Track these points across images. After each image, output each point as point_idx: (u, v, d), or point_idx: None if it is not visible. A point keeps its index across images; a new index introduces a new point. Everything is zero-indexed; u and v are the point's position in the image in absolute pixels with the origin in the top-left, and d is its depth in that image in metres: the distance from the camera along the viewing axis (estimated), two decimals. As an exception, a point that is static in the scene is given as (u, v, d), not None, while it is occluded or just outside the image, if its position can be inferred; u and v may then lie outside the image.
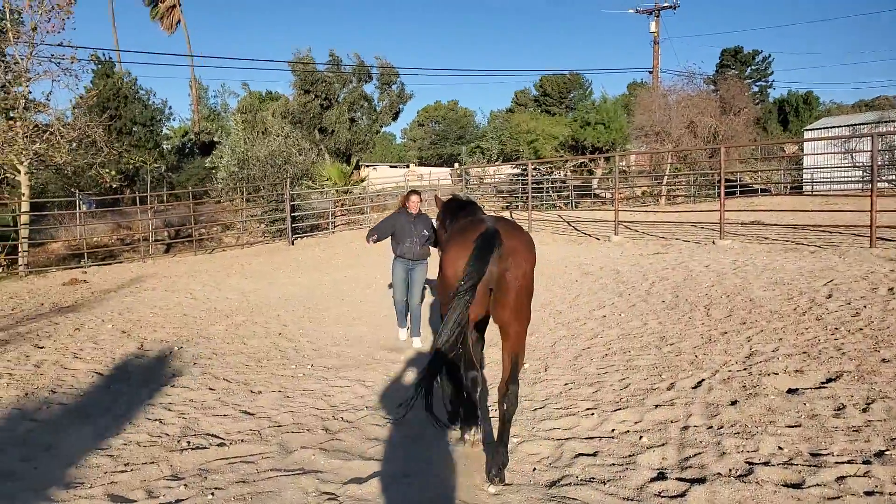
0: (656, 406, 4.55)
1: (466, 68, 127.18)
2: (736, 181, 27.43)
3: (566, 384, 5.24)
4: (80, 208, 16.78)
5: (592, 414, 4.49)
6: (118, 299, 10.50)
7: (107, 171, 16.99)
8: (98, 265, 15.66)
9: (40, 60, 15.58)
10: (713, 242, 12.54)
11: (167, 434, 4.42)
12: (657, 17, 35.19)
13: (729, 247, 11.92)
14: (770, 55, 56.98)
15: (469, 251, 3.58)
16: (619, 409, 4.56)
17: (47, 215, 19.07)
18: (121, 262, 16.25)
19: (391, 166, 50.45)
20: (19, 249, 15.05)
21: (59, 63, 15.64)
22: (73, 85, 16.26)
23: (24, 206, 15.58)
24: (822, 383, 4.70)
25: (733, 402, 4.47)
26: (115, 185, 19.66)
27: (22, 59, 15.01)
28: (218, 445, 4.17)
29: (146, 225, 18.51)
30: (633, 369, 5.48)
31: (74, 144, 16.00)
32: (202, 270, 13.86)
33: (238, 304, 9.73)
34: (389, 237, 7.04)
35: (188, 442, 4.25)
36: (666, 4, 34.95)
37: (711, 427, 4.12)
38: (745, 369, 5.15)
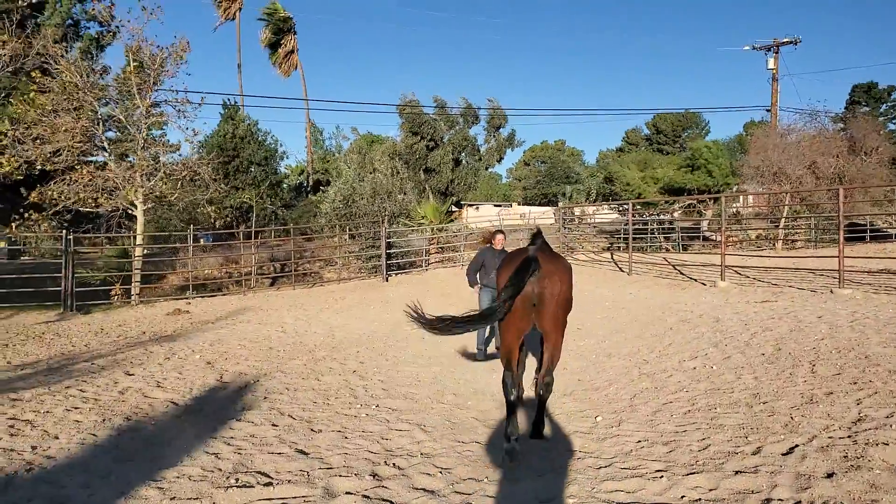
0: (737, 472, 4.05)
1: (576, 108, 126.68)
2: (865, 225, 25.22)
3: (639, 441, 4.81)
4: (190, 242, 17.84)
5: (662, 477, 4.06)
6: (213, 331, 10.97)
7: (213, 207, 18.09)
8: (203, 297, 16.56)
9: (158, 104, 16.98)
10: (831, 291, 11.49)
11: (219, 469, 4.42)
12: (776, 53, 33.56)
13: (849, 296, 10.85)
14: (909, 91, 52.76)
15: (511, 270, 4.72)
16: (694, 473, 4.10)
17: (163, 248, 20.49)
18: (225, 295, 17.08)
19: (495, 205, 50.64)
20: (132, 280, 16.07)
21: (174, 105, 16.99)
22: (185, 125, 17.44)
23: (139, 240, 16.71)
24: (943, 459, 4.04)
25: (829, 475, 3.89)
26: (220, 221, 20.82)
27: (141, 105, 16.26)
28: (264, 485, 4.12)
29: (252, 259, 19.45)
30: (716, 429, 4.97)
31: (186, 182, 17.07)
32: (298, 305, 14.30)
33: (323, 339, 9.89)
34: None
35: (236, 479, 4.23)
36: (786, 40, 33.31)
37: (799, 502, 3.60)
38: (849, 436, 4.52)
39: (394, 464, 4.47)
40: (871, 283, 12.39)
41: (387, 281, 18.67)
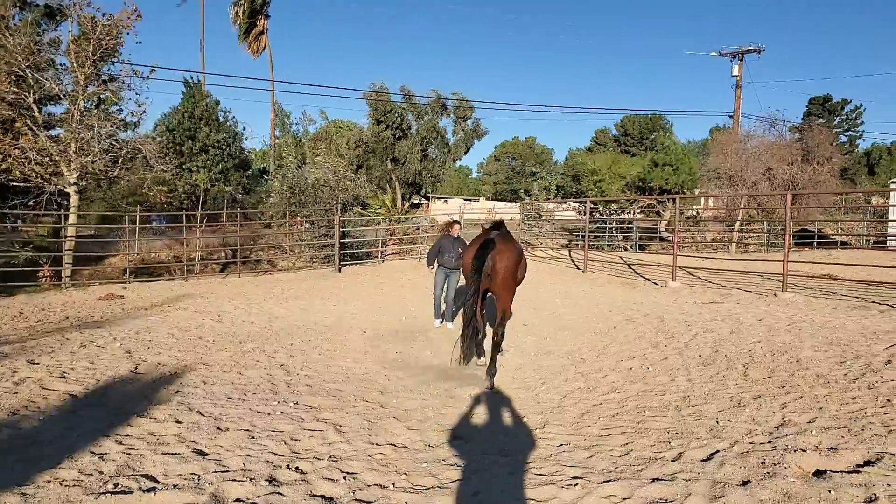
0: (653, 480, 3.92)
1: (545, 104, 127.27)
2: (813, 232, 25.79)
3: (560, 445, 4.66)
4: (128, 224, 16.88)
5: (576, 485, 3.89)
6: (145, 318, 10.45)
7: (159, 189, 17.20)
8: (142, 282, 15.85)
9: (112, 77, 16.01)
10: (774, 294, 11.61)
11: (100, 472, 4.02)
12: (741, 60, 34.00)
13: (791, 300, 10.96)
14: (861, 105, 54.84)
15: (474, 251, 6.60)
16: (610, 480, 3.95)
17: (103, 229, 19.52)
18: (167, 280, 16.43)
19: (465, 199, 50.51)
20: (63, 261, 15.10)
21: (117, 78, 16.03)
22: (132, 99, 16.37)
23: (72, 219, 15.70)
24: (858, 466, 3.96)
25: (744, 483, 3.79)
26: (174, 203, 19.92)
27: (79, 74, 15.18)
28: (146, 490, 3.74)
29: (199, 244, 18.78)
30: (641, 433, 4.86)
31: (127, 160, 16.09)
32: (242, 293, 13.83)
33: (258, 330, 9.51)
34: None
35: (115, 484, 3.83)
36: (750, 48, 33.76)
37: (711, 512, 3.51)
38: (769, 442, 4.46)
39: (297, 467, 4.18)
40: (812, 287, 12.57)
41: (339, 272, 18.26)
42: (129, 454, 4.37)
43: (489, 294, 7.00)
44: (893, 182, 30.00)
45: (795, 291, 11.79)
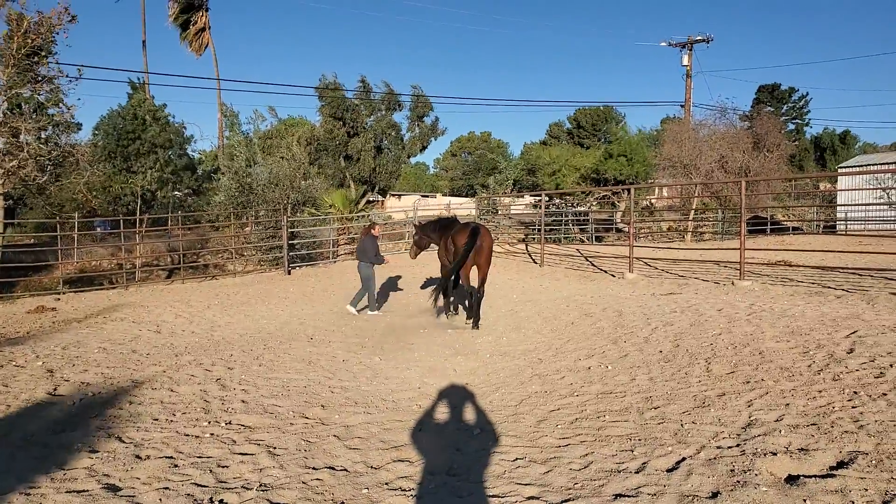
0: (616, 496, 3.56)
1: (499, 98, 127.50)
2: (766, 219, 26.13)
3: (515, 460, 4.26)
4: (61, 230, 15.92)
5: (532, 507, 3.51)
6: (75, 331, 9.72)
7: (92, 194, 16.31)
8: (77, 291, 15.01)
9: (33, 75, 15.01)
10: (732, 283, 11.48)
11: None
12: (690, 50, 34.29)
13: (748, 288, 10.84)
14: (807, 93, 56.55)
15: (467, 235, 9.14)
16: (569, 499, 3.57)
17: (39, 238, 18.51)
18: (107, 289, 15.52)
19: (423, 196, 50.07)
20: None
21: (52, 80, 15.10)
22: (56, 101, 15.41)
23: None
24: (832, 468, 3.67)
25: (714, 495, 3.46)
26: (109, 208, 18.97)
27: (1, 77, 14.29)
28: None
29: (142, 250, 17.91)
30: (601, 441, 4.50)
31: (61, 164, 15.26)
32: (185, 300, 13.13)
33: (198, 341, 8.89)
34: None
35: None
36: (699, 38, 34.07)
37: (680, 532, 3.16)
38: (737, 445, 4.15)
39: (221, 500, 3.67)
40: (769, 275, 12.51)
41: (289, 274, 17.61)
42: (29, 495, 3.81)
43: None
44: (841, 168, 30.60)
45: (752, 279, 11.69)
